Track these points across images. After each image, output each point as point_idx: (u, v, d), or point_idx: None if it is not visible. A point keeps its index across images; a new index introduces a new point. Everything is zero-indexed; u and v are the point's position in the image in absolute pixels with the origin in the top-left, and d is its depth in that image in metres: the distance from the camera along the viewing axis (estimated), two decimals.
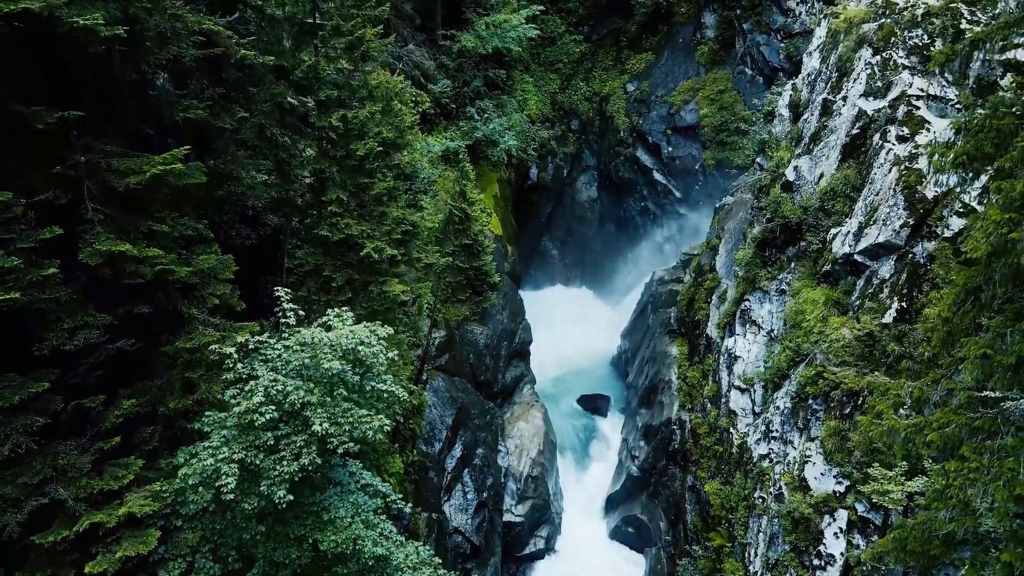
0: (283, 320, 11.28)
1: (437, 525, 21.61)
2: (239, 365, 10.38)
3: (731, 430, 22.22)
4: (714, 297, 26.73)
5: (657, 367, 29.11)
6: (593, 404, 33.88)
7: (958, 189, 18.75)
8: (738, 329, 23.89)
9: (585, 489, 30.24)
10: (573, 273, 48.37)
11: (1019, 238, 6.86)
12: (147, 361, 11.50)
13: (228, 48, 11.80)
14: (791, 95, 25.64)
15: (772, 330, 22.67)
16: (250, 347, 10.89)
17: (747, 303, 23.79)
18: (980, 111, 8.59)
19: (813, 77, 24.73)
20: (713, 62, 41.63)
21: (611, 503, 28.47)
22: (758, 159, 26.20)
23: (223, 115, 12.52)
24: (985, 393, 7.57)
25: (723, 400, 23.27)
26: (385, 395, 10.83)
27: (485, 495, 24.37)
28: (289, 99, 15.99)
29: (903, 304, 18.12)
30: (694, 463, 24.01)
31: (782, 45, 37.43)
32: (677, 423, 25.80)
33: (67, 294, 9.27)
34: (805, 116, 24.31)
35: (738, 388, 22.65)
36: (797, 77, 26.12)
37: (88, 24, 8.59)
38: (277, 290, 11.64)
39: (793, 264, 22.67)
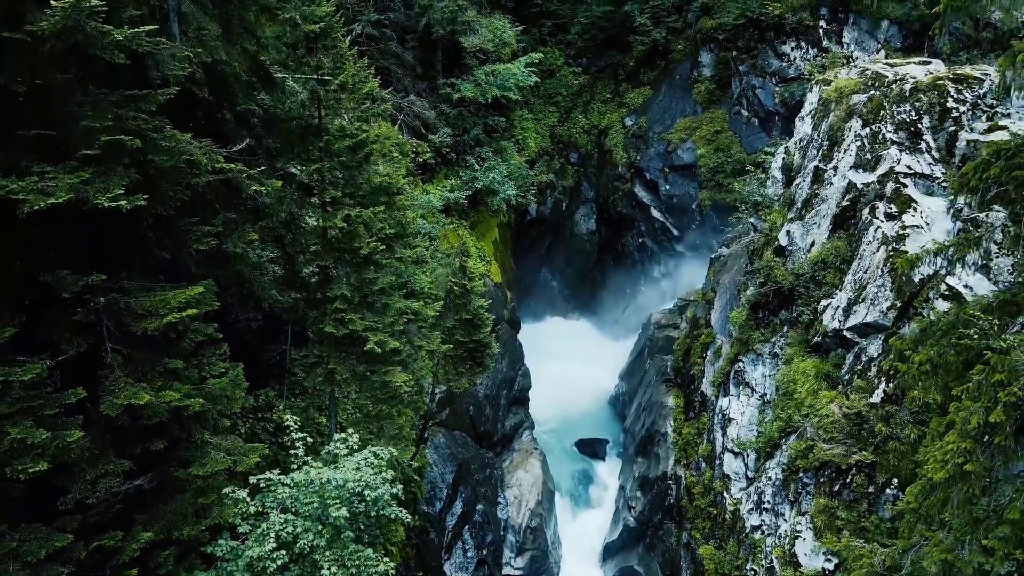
0: (292, 451, 11.85)
1: None
2: (251, 507, 10.95)
3: (725, 494, 22.77)
4: (709, 353, 27.28)
5: (653, 417, 29.66)
6: (591, 448, 34.43)
7: (943, 272, 19.40)
8: (732, 390, 24.43)
9: (582, 535, 30.76)
10: (572, 304, 48.94)
11: (973, 470, 7.44)
12: (161, 480, 12.05)
13: (240, 183, 12.37)
14: (784, 158, 26.21)
15: (765, 394, 23.22)
16: (261, 486, 11.46)
17: (741, 364, 24.33)
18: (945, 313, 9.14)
19: (805, 143, 25.30)
20: (710, 101, 42.19)
21: (608, 551, 29.00)
22: (751, 219, 26.76)
23: (235, 239, 13.08)
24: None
25: (717, 462, 23.82)
26: (393, 519, 11.41)
27: (485, 552, 24.91)
28: (294, 168, 16.70)
29: (890, 385, 18.67)
30: (689, 521, 24.55)
31: (777, 89, 38.02)
32: (673, 478, 26.33)
33: (89, 449, 9.83)
34: (797, 181, 24.87)
35: (732, 451, 23.19)
36: (790, 140, 26.69)
37: (112, 204, 9.15)
38: (286, 418, 12.22)
39: (786, 328, 23.21)
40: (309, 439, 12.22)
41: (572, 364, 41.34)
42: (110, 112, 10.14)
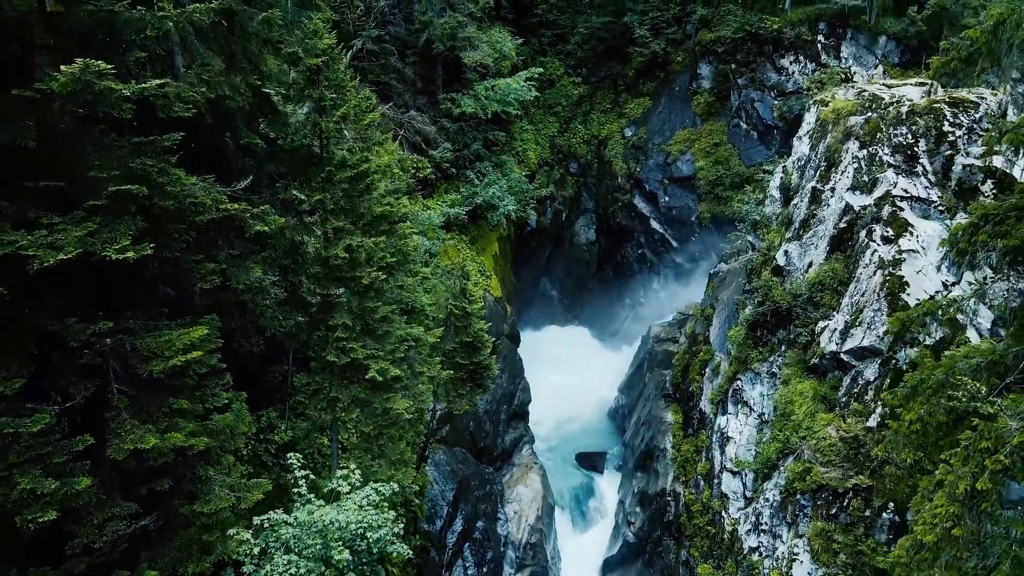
0: (295, 490, 12.02)
1: None
2: (255, 547, 11.14)
3: (723, 513, 22.94)
4: (707, 370, 27.44)
5: (652, 432, 29.82)
6: (591, 462, 34.59)
7: (939, 298, 19.59)
8: (730, 408, 24.60)
9: (582, 550, 30.90)
10: (572, 313, 49.10)
11: (960, 535, 7.62)
12: (166, 517, 12.21)
13: (244, 222, 12.54)
14: (782, 177, 26.38)
15: (763, 413, 23.38)
16: (265, 526, 11.64)
17: (739, 383, 24.50)
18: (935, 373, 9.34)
19: (803, 163, 25.47)
20: (709, 113, 42.34)
21: (607, 566, 29.15)
22: (750, 238, 26.93)
23: (239, 274, 13.25)
24: None
25: (716, 481, 23.98)
26: (395, 556, 11.61)
27: (485, 569, 25.08)
28: (296, 192, 16.92)
29: (887, 410, 18.83)
30: (688, 538, 24.72)
31: (776, 103, 38.18)
32: (671, 495, 26.50)
33: (96, 494, 10.00)
34: (795, 201, 25.04)
35: (730, 471, 23.35)
36: (788, 159, 26.85)
37: (119, 256, 9.32)
38: (289, 456, 12.39)
39: (784, 348, 23.38)
40: (312, 475, 12.38)
41: (572, 374, 41.49)
42: (117, 160, 10.31)
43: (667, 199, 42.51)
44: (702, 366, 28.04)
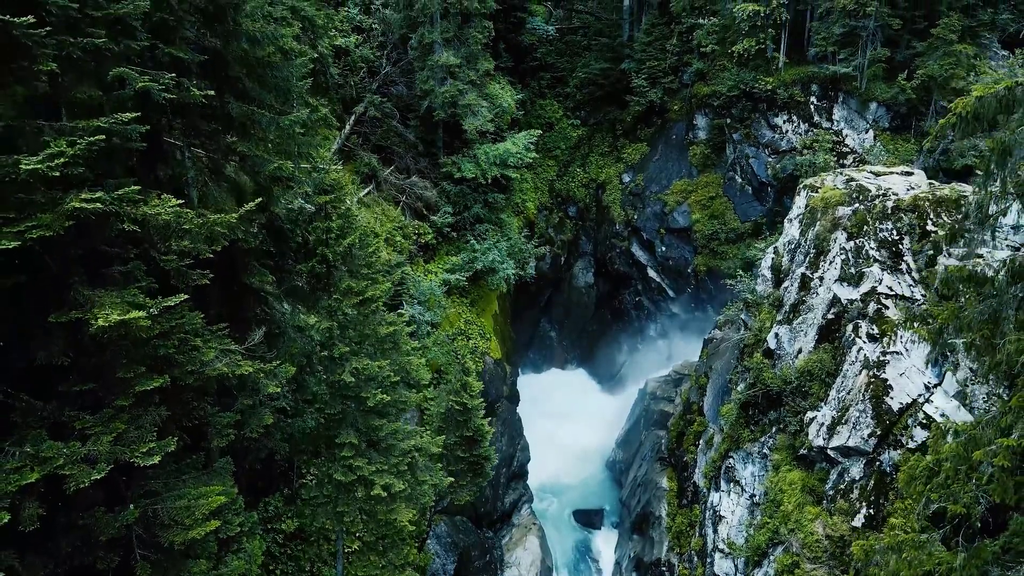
0: None
1: None
2: None
3: None
4: (701, 442, 28.22)
5: (648, 496, 30.59)
6: (588, 519, 35.37)
7: (921, 401, 20.34)
8: (723, 486, 25.37)
9: None
10: (571, 355, 49.95)
11: None
12: None
13: (256, 383, 13.33)
14: (773, 258, 27.16)
15: (754, 495, 24.15)
16: None
17: (731, 461, 25.27)
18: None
19: (793, 246, 26.24)
20: (705, 165, 43.13)
21: None
22: (743, 315, 27.71)
23: (253, 423, 14.04)
24: None
25: (709, 560, 24.75)
26: None
27: None
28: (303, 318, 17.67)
29: (871, 511, 19.61)
30: None
31: (770, 160, 38.96)
32: (666, 566, 27.27)
33: None
34: (786, 284, 25.81)
35: (722, 551, 24.12)
36: (778, 240, 27.64)
37: (147, 462, 10.11)
38: None
39: (775, 429, 24.15)
40: None
41: (571, 420, 42.25)
42: (142, 353, 11.08)
43: (664, 249, 43.31)
44: (696, 437, 28.82)
